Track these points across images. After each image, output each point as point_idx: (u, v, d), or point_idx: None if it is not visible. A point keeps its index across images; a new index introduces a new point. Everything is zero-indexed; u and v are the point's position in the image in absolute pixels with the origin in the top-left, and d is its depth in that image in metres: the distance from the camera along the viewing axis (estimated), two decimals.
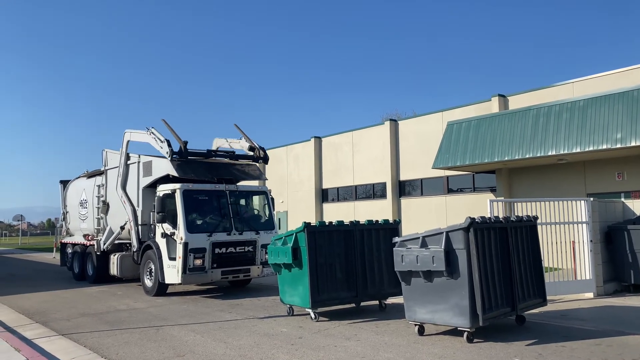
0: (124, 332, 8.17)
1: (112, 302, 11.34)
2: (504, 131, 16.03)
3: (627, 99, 13.60)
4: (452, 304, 6.90)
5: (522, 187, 18.03)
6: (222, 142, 14.05)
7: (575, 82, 17.14)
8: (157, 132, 12.32)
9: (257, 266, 12.10)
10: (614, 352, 6.31)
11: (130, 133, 13.42)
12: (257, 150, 13.22)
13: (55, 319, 9.45)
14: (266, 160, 13.30)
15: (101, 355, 6.79)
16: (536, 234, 8.23)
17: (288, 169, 28.87)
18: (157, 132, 12.33)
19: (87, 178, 16.45)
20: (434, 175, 21.09)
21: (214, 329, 8.23)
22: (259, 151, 13.21)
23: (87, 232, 15.72)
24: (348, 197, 25.87)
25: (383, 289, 9.34)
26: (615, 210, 11.98)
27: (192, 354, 6.70)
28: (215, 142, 14.28)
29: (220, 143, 14.11)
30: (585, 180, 16.48)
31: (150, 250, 12.12)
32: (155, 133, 12.33)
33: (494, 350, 6.48)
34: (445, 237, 6.93)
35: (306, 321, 8.63)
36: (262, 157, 13.19)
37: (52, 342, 7.67)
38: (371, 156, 24.34)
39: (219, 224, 11.76)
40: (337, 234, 8.96)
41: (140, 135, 13.03)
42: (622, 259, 10.90)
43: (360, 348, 6.77)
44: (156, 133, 12.32)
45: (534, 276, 7.96)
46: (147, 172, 12.80)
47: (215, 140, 14.28)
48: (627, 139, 13.19)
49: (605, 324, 7.96)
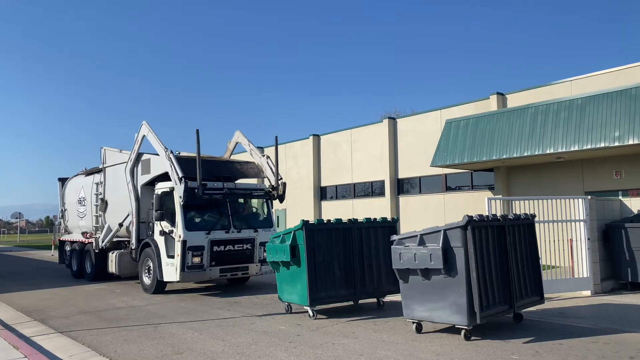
0: (123, 329, 8.18)
1: (110, 300, 11.35)
2: (502, 129, 16.05)
3: (625, 97, 13.62)
4: (449, 302, 6.92)
5: (520, 185, 18.06)
6: (243, 140, 13.62)
7: (573, 80, 17.16)
8: (177, 164, 11.34)
9: (255, 264, 12.11)
10: (611, 350, 6.34)
11: (149, 133, 12.49)
12: (279, 189, 12.48)
13: (53, 317, 9.46)
14: (282, 199, 12.63)
15: (100, 352, 6.80)
16: (534, 232, 8.24)
17: (287, 167, 28.86)
18: (176, 164, 11.34)
19: (86, 176, 16.44)
20: (433, 173, 21.10)
21: (212, 326, 8.24)
22: (280, 189, 12.49)
23: (85, 230, 15.72)
24: (346, 195, 25.88)
25: (381, 287, 9.36)
26: (613, 209, 12.02)
27: (190, 352, 6.71)
28: (236, 136, 13.90)
29: (242, 140, 13.70)
30: (583, 179, 16.51)
31: (149, 248, 12.13)
32: (174, 163, 11.36)
33: (492, 348, 6.50)
34: (443, 235, 6.95)
35: (304, 319, 8.64)
36: (279, 195, 12.52)
37: (50, 339, 7.68)
38: (370, 154, 24.35)
39: (217, 221, 11.76)
40: (336, 232, 8.98)
41: (156, 144, 12.17)
42: (619, 257, 10.93)
43: (358, 346, 6.79)
44: (175, 163, 11.35)
45: (532, 274, 7.98)
46: (145, 169, 12.78)
47: (237, 133, 13.85)
48: (625, 137, 13.22)
49: (603, 321, 7.98)
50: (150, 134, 12.44)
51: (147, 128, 12.60)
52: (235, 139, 14.01)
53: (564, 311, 8.93)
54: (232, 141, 14.17)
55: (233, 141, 14.15)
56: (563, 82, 17.40)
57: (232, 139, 14.13)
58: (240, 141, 13.80)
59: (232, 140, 14.18)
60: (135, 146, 13.03)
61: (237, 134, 13.91)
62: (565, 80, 17.37)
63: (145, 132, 12.64)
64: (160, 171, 12.15)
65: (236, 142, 14.04)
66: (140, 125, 12.83)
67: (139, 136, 12.92)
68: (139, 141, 12.92)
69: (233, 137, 14.09)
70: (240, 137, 13.82)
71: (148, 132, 12.53)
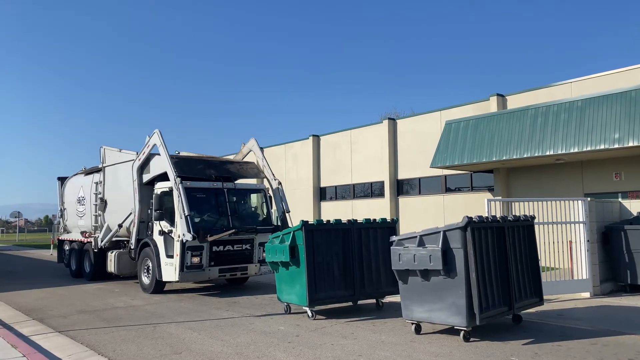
0: (121, 329, 8.17)
1: (109, 300, 11.34)
2: (502, 131, 16.04)
3: (625, 99, 13.61)
4: (449, 303, 6.92)
5: (520, 186, 18.05)
6: (257, 151, 13.81)
7: (573, 82, 17.15)
8: (184, 196, 11.08)
9: (254, 264, 12.10)
10: (609, 352, 6.33)
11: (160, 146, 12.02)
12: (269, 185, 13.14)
13: (52, 316, 9.45)
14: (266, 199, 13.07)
15: (98, 352, 6.79)
16: (533, 234, 8.24)
17: (286, 167, 28.84)
18: (183, 195, 11.08)
19: (85, 175, 16.42)
20: (432, 174, 21.09)
21: (210, 326, 8.23)
22: (271, 184, 13.16)
23: (84, 229, 15.71)
24: (346, 196, 25.86)
25: (380, 288, 9.35)
26: (612, 211, 12.01)
27: (189, 352, 6.70)
28: (251, 144, 14.05)
29: (255, 150, 13.88)
30: (583, 180, 16.50)
31: (148, 248, 12.11)
32: (182, 192, 11.11)
33: (491, 349, 6.49)
34: (442, 236, 6.94)
35: (303, 319, 8.63)
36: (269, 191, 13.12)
37: (49, 339, 7.67)
38: (369, 155, 24.34)
39: (216, 221, 11.74)
40: (335, 233, 8.97)
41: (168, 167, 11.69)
42: (618, 259, 10.93)
43: (357, 346, 6.78)
44: (182, 195, 11.08)
45: (531, 276, 7.97)
46: (145, 170, 12.76)
47: (252, 141, 14.02)
48: (624, 139, 13.21)
49: (602, 323, 7.98)
50: (161, 147, 12.01)
51: (159, 140, 12.10)
52: (250, 147, 14.12)
53: (563, 313, 8.93)
54: (247, 147, 14.26)
55: (247, 147, 14.24)
56: (563, 83, 17.40)
57: (247, 144, 14.22)
58: (254, 151, 13.93)
59: (246, 145, 14.27)
60: (146, 149, 12.66)
61: (252, 142, 14.02)
62: (565, 82, 17.36)
63: (158, 143, 12.14)
64: (160, 171, 12.10)
65: (250, 149, 14.14)
66: (153, 133, 12.38)
67: (150, 142, 12.48)
68: (150, 146, 12.55)
69: (248, 143, 14.18)
70: (254, 147, 13.94)
71: (160, 145, 12.05)
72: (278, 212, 13.00)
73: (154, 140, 12.29)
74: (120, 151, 14.01)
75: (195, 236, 10.80)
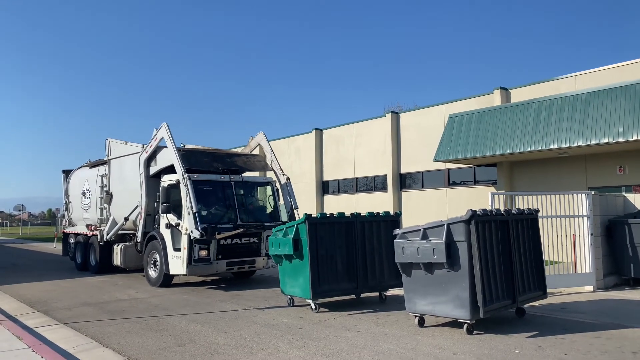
0: (126, 321, 8.21)
1: (113, 292, 11.39)
2: (506, 124, 16.00)
3: (629, 92, 13.55)
4: (452, 296, 6.93)
5: (524, 180, 18.02)
6: (266, 146, 13.84)
7: (577, 75, 17.07)
8: (192, 193, 11.02)
9: (262, 257, 12.05)
10: (613, 345, 6.34)
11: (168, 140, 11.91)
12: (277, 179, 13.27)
13: (56, 308, 9.50)
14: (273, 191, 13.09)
15: (102, 344, 6.83)
16: (537, 227, 8.23)
17: (289, 161, 28.85)
18: (192, 192, 11.02)
19: (90, 168, 16.44)
20: (435, 168, 21.06)
21: (214, 319, 8.27)
22: (279, 179, 13.30)
23: (89, 222, 15.74)
24: (349, 190, 25.87)
25: (383, 281, 9.37)
26: (616, 204, 11.98)
27: (192, 344, 6.74)
28: (259, 137, 14.06)
29: (264, 144, 13.92)
30: (587, 174, 16.47)
31: (155, 241, 12.06)
32: (190, 187, 11.05)
33: (494, 342, 6.51)
34: (446, 229, 6.94)
35: (307, 312, 8.67)
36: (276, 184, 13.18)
37: (53, 330, 7.71)
38: (372, 148, 24.31)
39: (224, 215, 11.70)
40: (338, 226, 8.97)
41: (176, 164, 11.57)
42: (622, 252, 10.92)
43: (360, 339, 6.81)
44: (190, 191, 11.02)
45: (535, 269, 7.97)
46: (151, 162, 12.76)
47: (260, 135, 14.02)
48: (629, 133, 13.17)
49: (605, 317, 7.99)
50: (169, 141, 11.91)
51: (167, 133, 11.96)
52: (258, 141, 14.10)
53: (566, 306, 8.93)
54: (255, 141, 14.24)
55: (255, 141, 14.22)
56: (567, 77, 17.32)
57: (255, 138, 14.19)
58: (263, 145, 13.93)
59: (254, 138, 14.23)
60: (153, 142, 12.55)
61: (261, 135, 13.99)
62: (569, 76, 17.29)
63: (165, 136, 12.01)
64: (167, 163, 12.03)
65: (258, 143, 14.12)
66: (161, 126, 12.25)
67: (157, 135, 12.38)
68: (157, 139, 12.46)
69: (256, 137, 14.15)
70: (262, 141, 13.92)
71: (168, 139, 11.94)
72: (286, 208, 12.99)
73: (162, 134, 12.22)
74: (126, 144, 13.98)
75: (204, 234, 10.79)
